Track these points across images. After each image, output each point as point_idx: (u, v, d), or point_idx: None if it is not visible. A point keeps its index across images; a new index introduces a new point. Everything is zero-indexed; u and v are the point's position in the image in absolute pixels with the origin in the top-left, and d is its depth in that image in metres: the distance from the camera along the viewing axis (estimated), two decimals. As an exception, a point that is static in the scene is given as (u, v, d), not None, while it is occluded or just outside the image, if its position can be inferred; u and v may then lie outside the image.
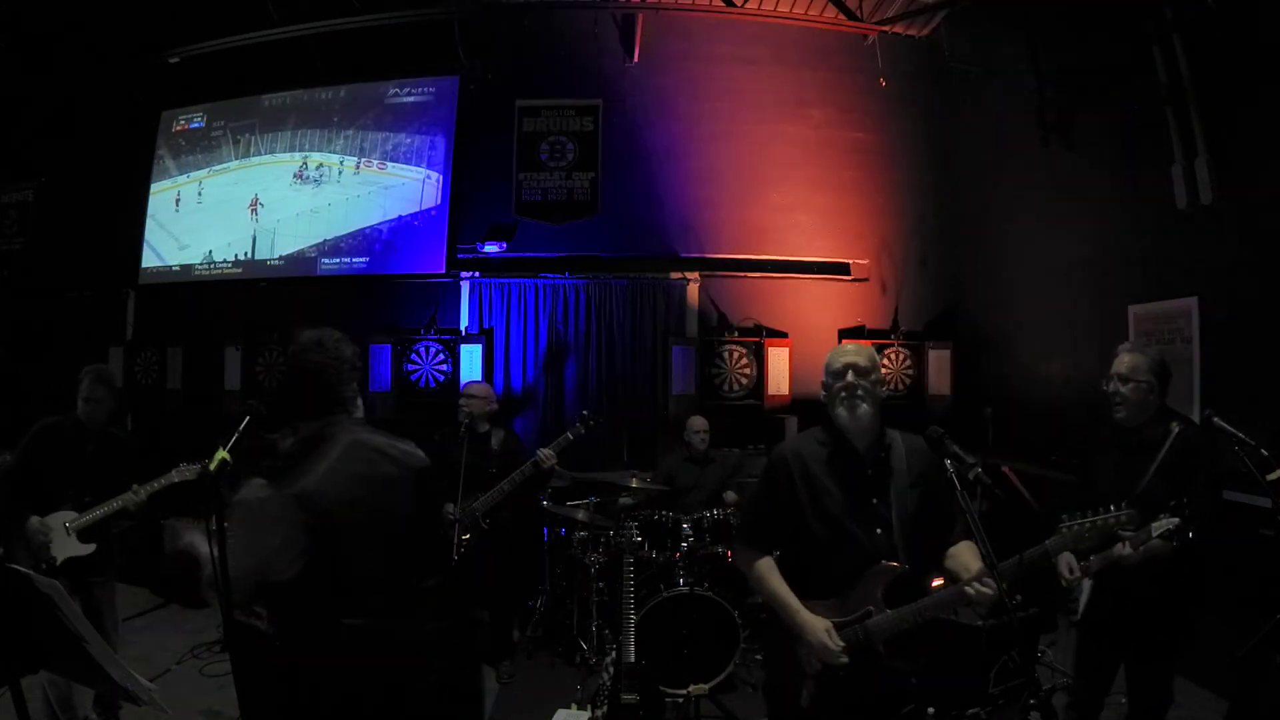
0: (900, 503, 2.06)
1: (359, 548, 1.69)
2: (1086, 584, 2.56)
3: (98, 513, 3.06)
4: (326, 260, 6.39)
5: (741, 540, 2.32)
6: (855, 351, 2.17)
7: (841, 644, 1.95)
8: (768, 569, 2.13)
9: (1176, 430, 2.47)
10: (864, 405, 2.09)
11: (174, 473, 3.20)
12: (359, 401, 1.90)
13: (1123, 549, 2.37)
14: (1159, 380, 2.52)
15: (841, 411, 2.12)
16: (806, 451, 2.15)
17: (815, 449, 2.15)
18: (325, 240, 6.40)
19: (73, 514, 3.05)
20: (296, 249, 6.45)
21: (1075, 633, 2.70)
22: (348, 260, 6.36)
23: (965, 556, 2.04)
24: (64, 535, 3.02)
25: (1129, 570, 2.39)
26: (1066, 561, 2.62)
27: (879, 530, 2.04)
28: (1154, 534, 2.27)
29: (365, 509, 1.70)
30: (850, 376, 2.11)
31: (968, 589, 1.92)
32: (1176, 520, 2.24)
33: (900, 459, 2.11)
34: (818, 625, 1.97)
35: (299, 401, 1.83)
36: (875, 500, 2.07)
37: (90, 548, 3.05)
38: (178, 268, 6.71)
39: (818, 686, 2.01)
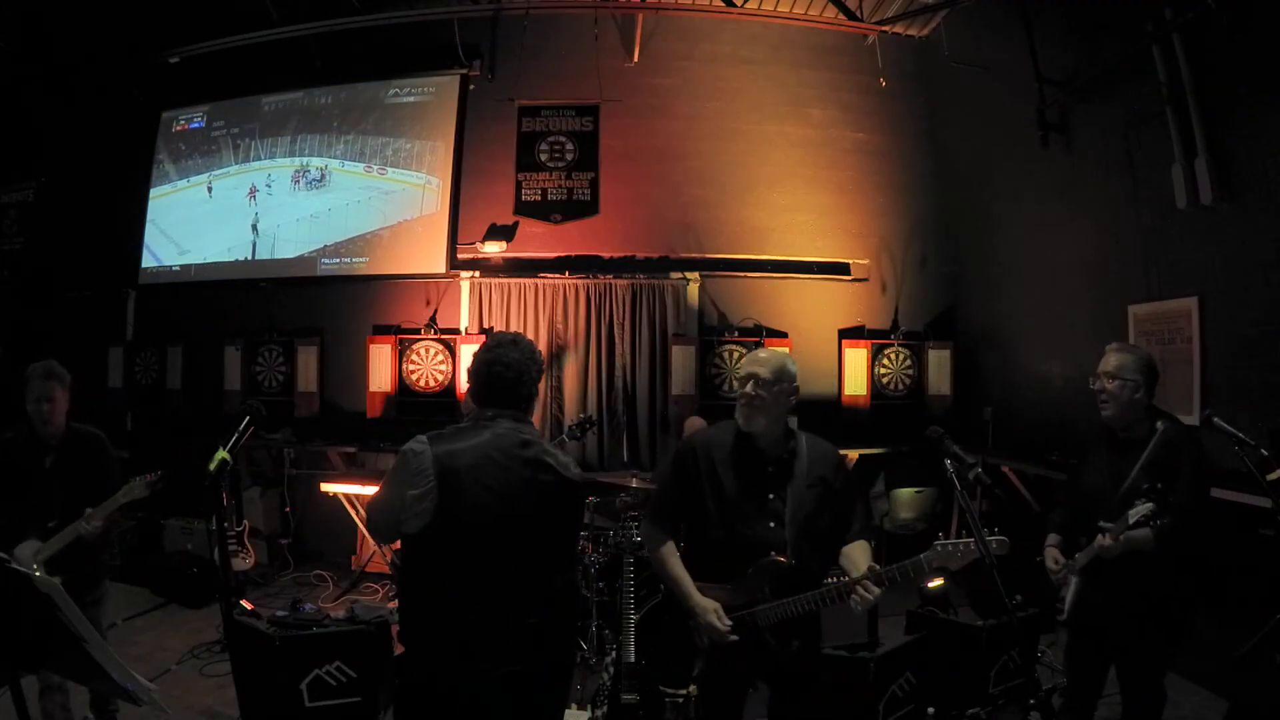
0: (796, 501, 2.15)
1: (478, 527, 1.81)
2: (1073, 582, 2.56)
3: (56, 545, 2.67)
4: (327, 260, 6.39)
5: (648, 520, 2.41)
6: (762, 361, 2.22)
7: (729, 624, 2.10)
8: (669, 552, 2.27)
9: (1161, 428, 2.47)
10: (759, 418, 2.18)
11: (120, 495, 2.77)
12: (533, 406, 2.04)
13: (1103, 540, 2.36)
14: (1146, 379, 2.51)
15: (739, 418, 2.21)
16: (715, 442, 2.26)
17: (723, 440, 2.25)
18: (325, 245, 6.40)
19: (38, 544, 2.67)
20: (296, 254, 6.45)
21: (1064, 632, 2.70)
22: (348, 260, 6.36)
23: (856, 555, 2.17)
24: (32, 571, 2.70)
25: (1114, 569, 2.38)
26: (1052, 555, 2.63)
27: (772, 524, 2.14)
28: (1131, 520, 2.26)
29: (494, 495, 1.82)
30: (750, 387, 2.18)
31: (849, 594, 2.04)
32: (1151, 505, 2.23)
33: (803, 461, 2.20)
34: (707, 606, 2.13)
35: (482, 390, 1.97)
36: (772, 496, 2.16)
37: (55, 580, 2.75)
38: (177, 268, 6.71)
39: (708, 660, 2.20)
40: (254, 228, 6.54)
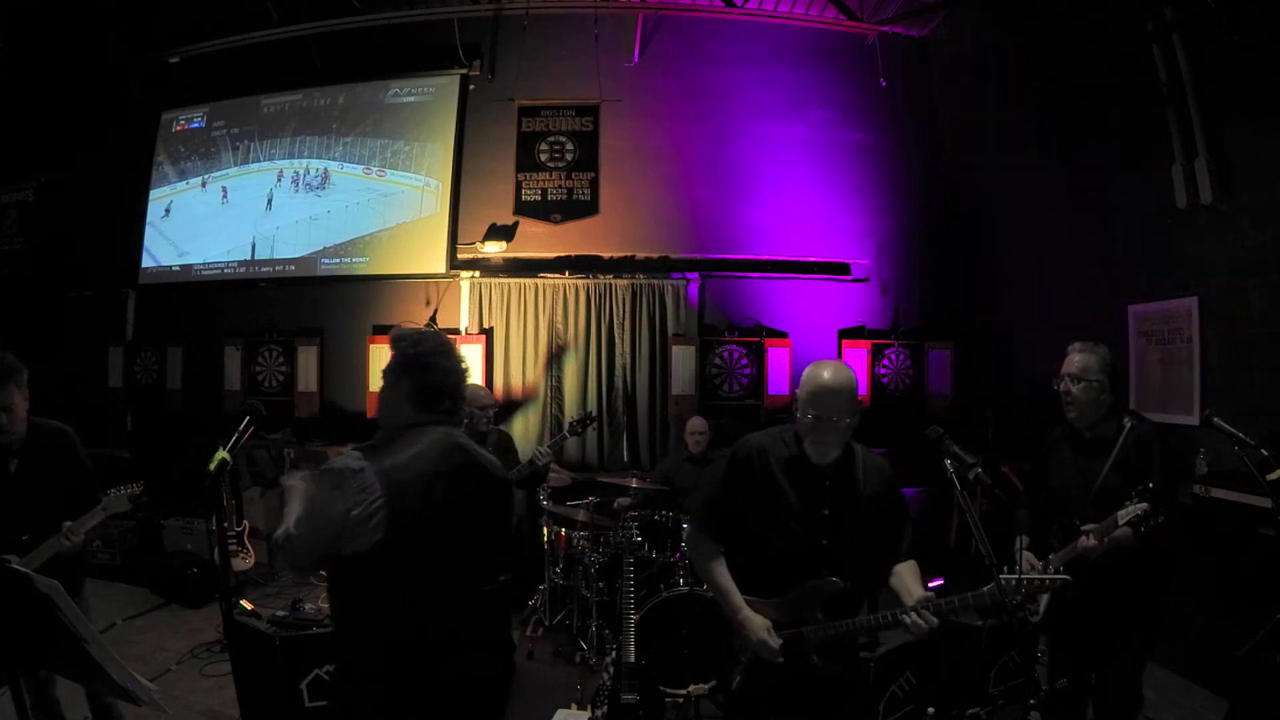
0: (851, 518, 2.09)
1: (429, 538, 1.77)
2: None
3: (34, 563, 2.45)
4: (327, 260, 6.39)
5: (696, 526, 2.30)
6: (832, 399, 2.03)
7: (779, 642, 2.03)
8: (717, 560, 2.17)
9: (1129, 426, 2.46)
10: (834, 451, 2.10)
11: (100, 508, 2.67)
12: (461, 412, 1.97)
13: (1087, 541, 2.34)
14: (1110, 379, 2.52)
15: (810, 448, 2.10)
16: (772, 450, 2.15)
17: (780, 450, 2.15)
18: (325, 248, 6.41)
19: (14, 558, 2.40)
20: (296, 256, 6.46)
21: (1044, 637, 2.69)
22: (348, 260, 6.36)
23: (907, 579, 2.10)
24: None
25: (1092, 568, 2.36)
26: (1027, 559, 2.58)
27: (825, 541, 2.07)
28: (1121, 521, 2.23)
29: (439, 501, 1.78)
30: (825, 433, 2.06)
31: (905, 618, 1.97)
32: (1145, 505, 2.20)
33: (859, 476, 2.13)
34: (759, 624, 2.06)
35: (419, 396, 1.88)
36: (827, 512, 2.09)
37: (55, 581, 2.53)
38: (177, 269, 6.71)
39: (748, 672, 2.13)
40: (268, 202, 6.52)
